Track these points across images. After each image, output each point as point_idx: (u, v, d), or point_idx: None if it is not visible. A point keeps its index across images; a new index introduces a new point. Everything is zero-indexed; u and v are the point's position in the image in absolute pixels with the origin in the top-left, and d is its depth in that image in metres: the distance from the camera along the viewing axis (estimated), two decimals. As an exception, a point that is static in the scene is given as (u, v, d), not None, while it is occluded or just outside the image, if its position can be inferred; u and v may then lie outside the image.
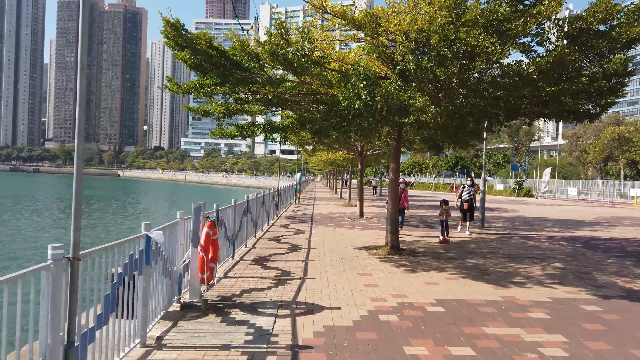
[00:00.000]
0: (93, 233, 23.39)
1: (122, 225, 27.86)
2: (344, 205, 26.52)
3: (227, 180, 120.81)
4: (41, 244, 19.21)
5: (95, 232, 23.96)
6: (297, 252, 10.33)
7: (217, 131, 10.58)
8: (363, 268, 8.72)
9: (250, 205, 11.45)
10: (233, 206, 9.21)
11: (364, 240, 12.46)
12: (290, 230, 14.39)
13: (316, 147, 18.49)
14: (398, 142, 10.59)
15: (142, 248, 4.44)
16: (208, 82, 8.19)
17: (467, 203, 14.40)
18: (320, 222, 16.99)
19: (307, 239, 12.61)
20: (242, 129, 10.31)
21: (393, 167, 10.59)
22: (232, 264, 8.83)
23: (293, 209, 23.33)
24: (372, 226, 16.12)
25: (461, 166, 54.24)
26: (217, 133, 10.57)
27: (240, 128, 10.30)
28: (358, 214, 18.70)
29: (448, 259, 9.97)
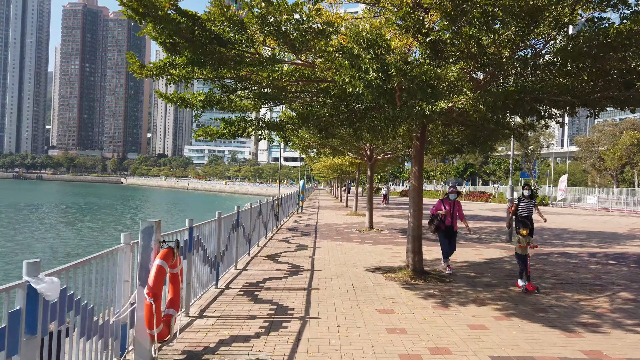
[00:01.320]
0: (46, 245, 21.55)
1: (94, 235, 26.00)
2: (350, 215, 24.57)
3: (230, 187, 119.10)
4: None
5: (52, 243, 22.11)
6: (297, 276, 8.40)
7: (201, 131, 8.69)
8: (382, 301, 6.77)
9: (242, 217, 9.55)
10: (217, 220, 7.30)
11: (378, 259, 10.51)
12: (291, 246, 12.46)
13: (320, 151, 16.63)
14: (422, 141, 8.67)
15: (18, 307, 2.54)
16: (181, 60, 6.32)
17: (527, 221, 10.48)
18: (325, 235, 15.05)
19: (310, 256, 10.67)
20: (230, 126, 8.43)
21: (415, 171, 8.66)
22: (214, 294, 6.91)
23: (295, 219, 21.40)
24: (384, 240, 14.16)
25: (470, 173, 52.19)
26: (200, 133, 8.69)
27: (228, 124, 8.43)
28: (367, 225, 16.76)
29: (486, 286, 8.00)
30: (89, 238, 24.68)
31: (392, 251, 11.81)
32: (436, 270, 9.14)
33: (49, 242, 22.29)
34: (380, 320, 5.81)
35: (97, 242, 22.82)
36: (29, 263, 2.61)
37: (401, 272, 8.59)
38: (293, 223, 19.44)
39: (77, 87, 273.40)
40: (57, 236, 24.72)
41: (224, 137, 8.63)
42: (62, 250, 20.16)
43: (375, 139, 12.04)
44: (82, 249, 20.41)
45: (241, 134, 8.69)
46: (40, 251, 19.49)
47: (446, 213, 8.83)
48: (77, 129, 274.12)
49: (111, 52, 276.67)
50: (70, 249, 20.38)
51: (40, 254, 18.70)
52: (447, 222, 8.90)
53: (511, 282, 8.31)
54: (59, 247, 20.86)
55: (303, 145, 15.16)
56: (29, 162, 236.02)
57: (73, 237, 24.89)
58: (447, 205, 8.93)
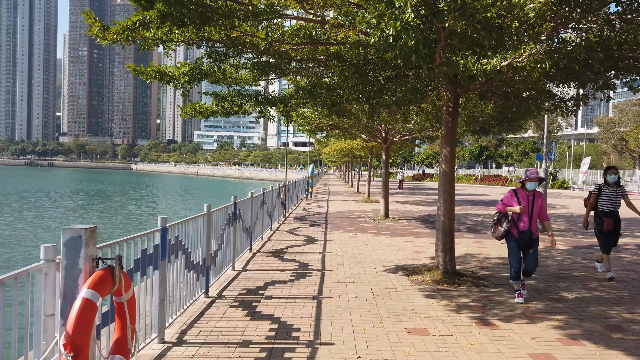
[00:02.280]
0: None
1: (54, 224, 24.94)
2: (362, 202, 23.18)
3: (239, 173, 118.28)
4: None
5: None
6: (305, 279, 7.07)
7: (189, 108, 7.34)
8: (410, 315, 5.42)
9: (241, 209, 8.21)
10: (206, 214, 5.96)
11: (398, 255, 9.13)
12: (299, 238, 11.13)
13: (330, 133, 15.16)
14: (454, 116, 7.20)
15: None
16: (151, 14, 4.90)
17: (611, 219, 7.29)
18: (337, 225, 13.70)
19: (321, 252, 9.33)
20: (223, 101, 7.03)
21: (447, 154, 7.21)
22: (201, 307, 5.61)
23: (304, 207, 20.07)
24: (402, 231, 12.77)
25: (486, 156, 50.30)
26: (188, 111, 7.34)
27: (220, 99, 7.03)
28: (382, 214, 15.37)
29: (532, 291, 6.60)
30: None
31: (413, 245, 10.42)
32: (469, 271, 7.75)
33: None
34: (413, 346, 4.46)
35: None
36: None
37: (429, 273, 7.21)
38: (302, 211, 18.12)
39: (86, 73, 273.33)
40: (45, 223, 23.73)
41: (217, 115, 7.25)
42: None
43: (393, 116, 10.55)
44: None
45: (237, 112, 7.29)
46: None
47: (522, 211, 5.89)
48: (87, 115, 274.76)
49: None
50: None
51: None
52: (522, 225, 5.93)
53: (562, 285, 6.90)
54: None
55: (311, 126, 13.74)
56: (40, 149, 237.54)
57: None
58: (523, 199, 5.99)
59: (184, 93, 6.53)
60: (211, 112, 7.13)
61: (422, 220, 15.44)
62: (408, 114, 9.17)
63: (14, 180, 71.15)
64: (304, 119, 13.08)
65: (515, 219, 6.02)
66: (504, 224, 6.04)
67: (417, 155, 69.39)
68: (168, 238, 4.59)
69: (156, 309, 4.39)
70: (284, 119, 8.10)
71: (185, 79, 6.25)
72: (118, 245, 3.50)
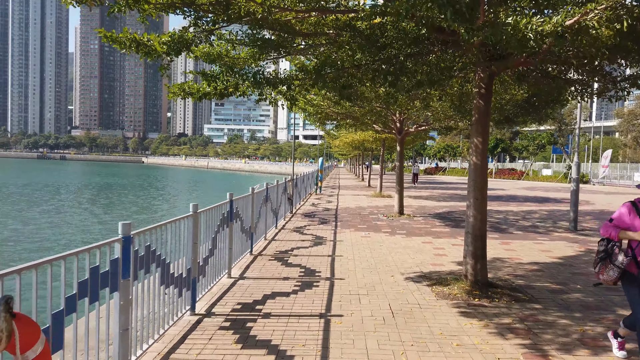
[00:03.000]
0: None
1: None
2: (374, 197, 22.09)
3: (249, 166, 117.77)
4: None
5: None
6: (311, 291, 6.04)
7: (176, 88, 6.32)
8: (439, 342, 4.37)
9: (240, 207, 7.20)
10: (192, 215, 4.95)
11: (417, 260, 8.07)
12: (306, 238, 10.10)
13: (340, 123, 14.04)
14: (487, 99, 6.09)
15: None
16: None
17: None
18: (347, 223, 12.66)
19: (330, 255, 8.30)
20: (214, 81, 6.00)
21: (478, 144, 6.12)
22: (186, 326, 4.61)
23: (313, 202, 19.05)
24: (419, 230, 11.68)
25: (502, 149, 48.69)
26: (176, 91, 6.32)
27: (210, 78, 6.00)
28: (396, 210, 14.28)
29: (583, 307, 5.50)
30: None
31: (432, 247, 9.34)
32: (502, 280, 6.67)
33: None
34: (448, 393, 3.41)
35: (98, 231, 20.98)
36: None
37: (457, 284, 6.14)
38: (310, 207, 17.10)
39: (97, 67, 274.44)
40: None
41: (210, 97, 6.22)
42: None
43: (411, 102, 9.39)
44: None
45: (232, 93, 6.26)
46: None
47: None
48: (99, 108, 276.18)
49: (130, 30, 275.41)
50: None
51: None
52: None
53: (617, 301, 5.79)
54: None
55: (320, 115, 12.67)
56: (52, 142, 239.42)
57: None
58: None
59: (163, 67, 5.50)
60: (203, 94, 6.10)
61: (439, 217, 14.33)
62: (429, 99, 8.04)
63: (25, 174, 71.16)
64: (313, 107, 12.02)
65: (636, 249, 3.69)
66: (619, 259, 3.67)
67: (430, 148, 67.87)
68: (134, 249, 3.59)
69: (116, 341, 3.40)
70: (287, 103, 7.05)
71: (164, 49, 5.21)
72: (39, 267, 2.49)
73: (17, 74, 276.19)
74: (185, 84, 6.15)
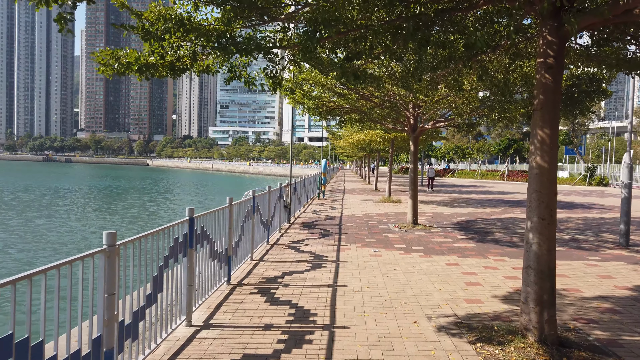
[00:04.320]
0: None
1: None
2: (382, 202, 20.14)
3: (253, 168, 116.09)
4: None
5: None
6: (301, 351, 4.15)
7: (105, 54, 4.45)
8: None
9: (209, 226, 5.32)
10: (102, 252, 3.07)
11: (446, 291, 6.14)
12: (302, 258, 8.21)
13: (344, 118, 12.04)
14: (557, 72, 4.16)
15: None
16: None
17: None
18: (353, 236, 10.76)
19: (330, 285, 6.40)
20: (158, 42, 4.14)
21: (545, 138, 4.19)
22: None
23: (314, 208, 17.15)
24: (440, 245, 9.75)
25: (515, 150, 46.49)
26: (105, 60, 4.45)
27: (153, 38, 4.14)
28: (410, 220, 12.35)
29: None
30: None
31: (461, 270, 7.41)
32: (573, 330, 4.73)
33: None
34: None
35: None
36: None
37: (513, 342, 4.21)
38: (311, 214, 15.20)
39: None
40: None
41: (156, 72, 4.36)
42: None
43: (435, 86, 7.32)
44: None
45: (189, 66, 4.39)
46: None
47: None
48: (104, 111, 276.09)
49: (135, 34, 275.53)
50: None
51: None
52: None
53: None
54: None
55: (321, 110, 10.76)
56: (58, 145, 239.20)
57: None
58: None
59: (61, 19, 3.64)
60: (145, 66, 4.23)
61: (460, 228, 12.39)
62: (460, 81, 6.05)
63: (28, 176, 69.84)
64: (312, 100, 10.14)
65: None
66: None
67: (438, 149, 65.69)
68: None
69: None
70: (269, 83, 5.16)
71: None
72: None
73: (24, 76, 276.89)
74: (118, 51, 4.28)
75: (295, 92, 9.94)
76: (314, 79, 9.19)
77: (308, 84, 9.54)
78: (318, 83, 9.40)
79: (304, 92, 9.86)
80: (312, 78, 9.21)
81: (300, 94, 9.99)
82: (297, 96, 9.99)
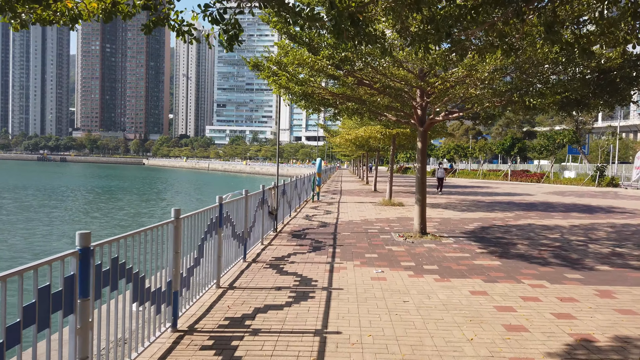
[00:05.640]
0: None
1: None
2: (383, 205, 18.33)
3: (250, 168, 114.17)
4: None
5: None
6: None
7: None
8: None
9: (123, 253, 3.48)
10: None
11: (481, 342, 4.32)
12: (284, 284, 6.38)
13: (339, 108, 10.06)
14: None
15: None
16: None
17: None
18: (350, 250, 8.94)
19: (318, 331, 4.58)
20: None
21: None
22: None
23: (307, 213, 15.32)
24: (456, 262, 7.94)
25: (519, 149, 44.68)
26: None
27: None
28: (417, 229, 10.53)
29: None
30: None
31: (493, 304, 5.58)
32: None
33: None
34: None
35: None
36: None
37: None
38: (303, 221, 13.37)
39: (98, 68, 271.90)
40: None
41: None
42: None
43: (468, 49, 5.34)
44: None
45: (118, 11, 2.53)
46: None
47: None
48: (100, 110, 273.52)
49: (131, 32, 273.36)
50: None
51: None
52: None
53: None
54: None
55: (311, 98, 8.88)
56: (53, 144, 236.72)
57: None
58: None
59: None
60: None
61: (475, 238, 10.59)
62: (508, 32, 4.17)
63: (20, 175, 67.87)
64: (299, 85, 8.30)
65: None
66: None
67: (438, 148, 63.90)
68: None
69: None
70: (223, 40, 3.33)
71: None
72: None
73: (19, 75, 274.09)
74: None
75: (279, 76, 8.13)
76: (300, 58, 7.38)
77: (294, 65, 7.73)
78: (306, 64, 7.59)
79: (290, 75, 8.06)
80: (298, 57, 7.40)
81: (285, 77, 8.17)
82: (281, 80, 8.17)
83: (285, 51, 8.48)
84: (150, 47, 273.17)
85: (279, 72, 8.20)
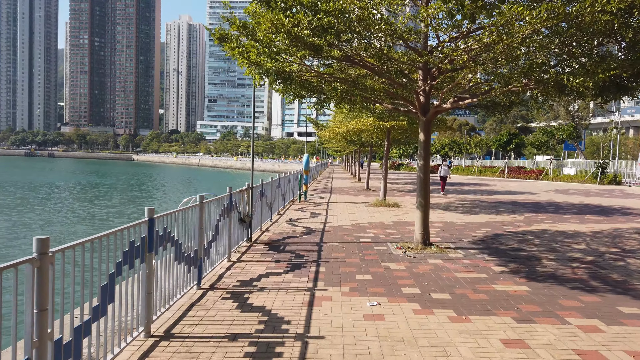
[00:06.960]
0: None
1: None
2: (376, 206, 16.57)
3: (241, 164, 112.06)
4: None
5: None
6: None
7: None
8: None
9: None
10: None
11: None
12: (243, 331, 4.61)
13: (327, 94, 8.32)
14: None
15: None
16: None
17: None
18: (338, 269, 7.17)
19: None
20: None
21: None
22: None
23: (291, 217, 13.53)
24: (472, 287, 6.21)
25: (516, 144, 43.18)
26: None
27: None
28: (419, 239, 8.78)
29: None
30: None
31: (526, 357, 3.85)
32: None
33: None
34: None
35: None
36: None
37: None
38: (285, 226, 11.59)
39: (87, 62, 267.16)
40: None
41: None
42: None
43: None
44: None
45: None
46: None
47: None
48: (89, 105, 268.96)
49: (120, 26, 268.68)
50: None
51: None
52: None
53: None
54: None
55: (293, 78, 7.11)
56: (41, 139, 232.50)
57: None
58: None
59: None
60: None
61: (488, 249, 8.87)
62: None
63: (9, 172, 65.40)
64: (273, 60, 6.49)
65: None
66: None
67: (432, 144, 62.41)
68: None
69: None
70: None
71: None
72: None
73: (5, 69, 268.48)
74: None
75: (247, 48, 6.33)
76: (272, 20, 5.57)
77: (264, 33, 5.94)
78: (280, 31, 5.79)
79: (260, 46, 6.29)
80: (270, 19, 5.59)
81: (254, 50, 6.38)
82: (250, 53, 6.37)
83: (256, 19, 6.67)
84: (139, 41, 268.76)
85: (246, 44, 6.41)
